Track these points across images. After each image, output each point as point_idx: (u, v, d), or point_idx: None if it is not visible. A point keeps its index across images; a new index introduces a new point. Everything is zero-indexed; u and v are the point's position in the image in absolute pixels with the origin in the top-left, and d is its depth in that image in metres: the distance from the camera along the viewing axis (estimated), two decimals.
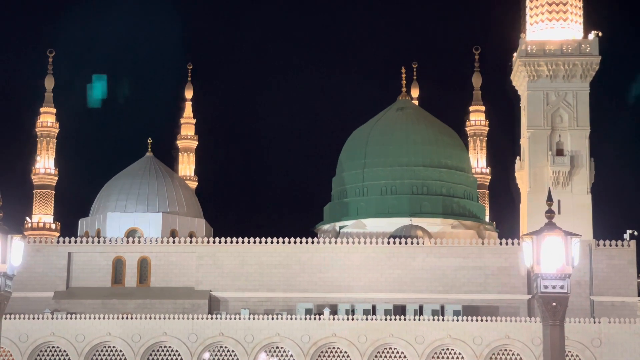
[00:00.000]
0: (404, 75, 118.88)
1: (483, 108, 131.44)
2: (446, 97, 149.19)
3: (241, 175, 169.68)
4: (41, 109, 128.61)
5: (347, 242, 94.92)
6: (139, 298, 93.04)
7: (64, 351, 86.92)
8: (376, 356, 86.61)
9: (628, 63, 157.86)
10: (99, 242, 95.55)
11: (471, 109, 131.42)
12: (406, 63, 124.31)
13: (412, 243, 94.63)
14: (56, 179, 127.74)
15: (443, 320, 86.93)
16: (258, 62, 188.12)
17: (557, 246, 30.31)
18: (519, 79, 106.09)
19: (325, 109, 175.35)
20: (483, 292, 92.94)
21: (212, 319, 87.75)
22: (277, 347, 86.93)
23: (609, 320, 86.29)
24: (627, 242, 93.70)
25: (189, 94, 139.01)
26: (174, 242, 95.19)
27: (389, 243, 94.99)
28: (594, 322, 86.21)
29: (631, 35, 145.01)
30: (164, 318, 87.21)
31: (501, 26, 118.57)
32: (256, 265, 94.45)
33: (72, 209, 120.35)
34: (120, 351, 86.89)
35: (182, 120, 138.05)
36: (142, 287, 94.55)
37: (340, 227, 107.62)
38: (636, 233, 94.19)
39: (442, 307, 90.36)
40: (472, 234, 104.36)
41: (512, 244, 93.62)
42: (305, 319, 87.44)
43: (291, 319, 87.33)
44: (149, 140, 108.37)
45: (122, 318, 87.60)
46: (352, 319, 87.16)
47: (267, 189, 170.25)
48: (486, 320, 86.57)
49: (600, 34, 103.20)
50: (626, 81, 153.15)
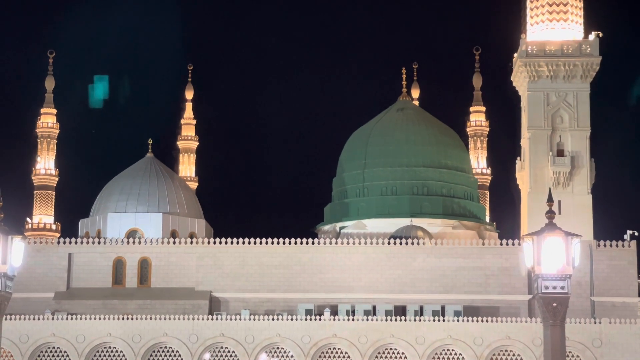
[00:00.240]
0: (404, 75, 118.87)
1: (483, 108, 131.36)
2: (447, 98, 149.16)
3: (241, 176, 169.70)
4: (42, 110, 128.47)
5: (348, 243, 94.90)
6: (140, 299, 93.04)
7: (65, 352, 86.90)
8: (377, 357, 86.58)
9: (628, 63, 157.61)
10: (99, 242, 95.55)
11: (471, 109, 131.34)
12: (406, 63, 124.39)
13: (412, 243, 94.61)
14: (57, 179, 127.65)
15: (443, 320, 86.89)
16: (258, 63, 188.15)
17: (558, 247, 30.32)
18: (519, 79, 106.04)
19: (326, 109, 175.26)
20: (483, 293, 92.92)
21: (212, 319, 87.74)
22: (278, 348, 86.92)
23: (609, 321, 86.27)
24: (628, 242, 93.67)
25: (189, 94, 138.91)
26: (174, 242, 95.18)
27: (389, 243, 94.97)
28: (595, 323, 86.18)
29: (631, 36, 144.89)
30: (165, 319, 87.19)
31: (501, 27, 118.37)
32: (257, 265, 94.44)
33: (73, 210, 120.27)
34: (121, 352, 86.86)
35: (182, 121, 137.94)
36: (143, 288, 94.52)
37: (341, 228, 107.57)
38: (637, 233, 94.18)
39: (443, 308, 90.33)
40: (472, 235, 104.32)
41: (513, 244, 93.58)
42: (306, 319, 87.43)
43: (292, 319, 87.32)
44: (150, 141, 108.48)
45: (123, 319, 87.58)
46: (353, 320, 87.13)
47: (267, 189, 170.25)
48: (487, 321, 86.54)
49: (600, 34, 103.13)
50: (627, 82, 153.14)
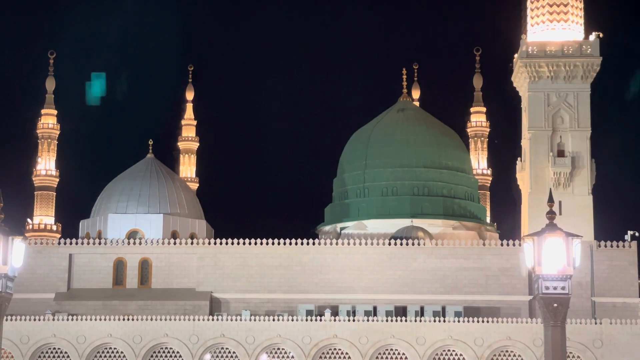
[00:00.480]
0: (404, 76, 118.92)
1: (484, 109, 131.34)
2: (447, 98, 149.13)
3: (242, 177, 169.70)
4: (42, 111, 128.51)
5: (348, 243, 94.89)
6: (140, 299, 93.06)
7: (65, 352, 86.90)
8: (377, 357, 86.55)
9: (629, 64, 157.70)
10: (100, 243, 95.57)
11: (472, 110, 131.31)
12: (407, 64, 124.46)
13: (413, 244, 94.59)
14: (57, 180, 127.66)
15: (444, 321, 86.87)
16: (258, 63, 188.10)
17: (558, 247, 30.31)
18: (519, 80, 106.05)
19: (326, 109, 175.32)
20: (484, 293, 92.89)
21: (213, 320, 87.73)
22: (278, 349, 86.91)
23: (610, 321, 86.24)
24: (628, 243, 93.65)
25: (189, 95, 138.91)
26: (175, 243, 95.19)
27: (390, 244, 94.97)
28: (595, 323, 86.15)
29: (632, 36, 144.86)
30: (165, 319, 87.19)
31: (502, 27, 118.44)
32: (257, 266, 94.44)
33: (73, 211, 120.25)
34: (122, 352, 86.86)
35: (183, 122, 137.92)
36: (143, 289, 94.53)
37: (341, 228, 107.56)
38: (637, 234, 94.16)
39: (443, 308, 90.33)
40: (473, 235, 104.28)
41: (513, 245, 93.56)
42: (306, 320, 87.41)
43: (292, 320, 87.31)
44: (150, 142, 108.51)
45: (123, 319, 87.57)
46: (353, 320, 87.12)
47: (268, 190, 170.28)
48: (487, 322, 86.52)
49: (601, 35, 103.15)
50: (627, 82, 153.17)
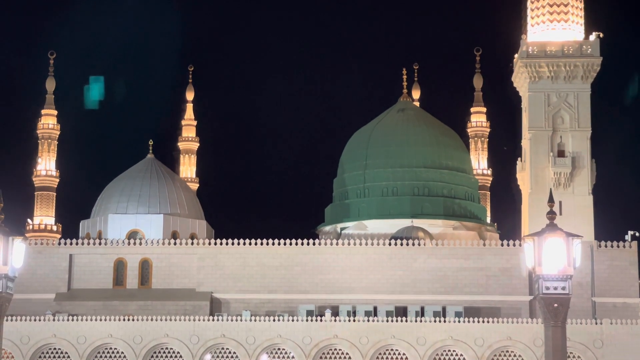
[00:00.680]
0: (405, 76, 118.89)
1: (484, 109, 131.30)
2: (447, 99, 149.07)
3: (242, 177, 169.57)
4: (42, 111, 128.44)
5: (349, 244, 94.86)
6: (141, 300, 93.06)
7: (66, 353, 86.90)
8: (377, 357, 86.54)
9: (629, 64, 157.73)
10: (100, 243, 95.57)
11: (472, 110, 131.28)
12: (407, 64, 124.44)
13: (413, 244, 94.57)
14: (57, 180, 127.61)
15: (444, 321, 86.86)
16: (258, 64, 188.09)
17: (559, 247, 30.31)
18: (520, 80, 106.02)
19: (326, 110, 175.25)
20: (484, 294, 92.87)
21: (213, 320, 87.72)
22: (279, 349, 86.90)
23: (610, 322, 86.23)
24: (629, 243, 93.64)
25: (190, 95, 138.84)
26: (175, 243, 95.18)
27: (390, 244, 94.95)
28: (596, 323, 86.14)
29: (632, 37, 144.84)
30: (166, 320, 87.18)
31: (502, 27, 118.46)
32: (257, 266, 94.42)
33: (74, 211, 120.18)
34: (122, 353, 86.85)
35: (183, 122, 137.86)
36: (144, 289, 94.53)
37: (342, 229, 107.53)
38: (637, 234, 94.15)
39: (444, 309, 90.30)
40: (473, 235, 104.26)
41: (514, 245, 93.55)
42: (307, 320, 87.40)
43: (292, 320, 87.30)
44: (150, 142, 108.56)
45: (124, 320, 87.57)
46: (354, 321, 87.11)
47: (268, 190, 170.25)
48: (488, 322, 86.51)
49: (601, 35, 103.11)
50: (627, 82, 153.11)
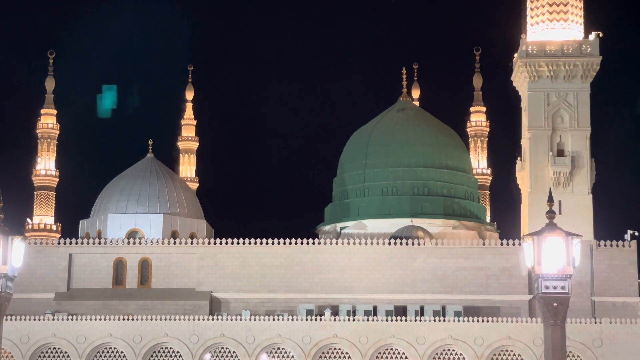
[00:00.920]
0: (404, 76, 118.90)
1: (484, 109, 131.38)
2: (447, 98, 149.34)
3: (242, 176, 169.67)
4: (42, 110, 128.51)
5: (348, 243, 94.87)
6: (140, 299, 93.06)
7: (65, 352, 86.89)
8: (377, 357, 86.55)
9: (629, 63, 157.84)
10: (99, 243, 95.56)
11: (472, 109, 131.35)
12: (407, 64, 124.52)
13: (413, 244, 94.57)
14: (57, 180, 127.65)
15: (444, 321, 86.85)
16: (258, 63, 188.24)
17: (558, 247, 30.33)
18: (519, 79, 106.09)
19: (326, 109, 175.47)
20: (484, 293, 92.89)
21: (213, 320, 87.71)
22: (278, 348, 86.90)
23: (610, 321, 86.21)
24: (628, 242, 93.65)
25: (189, 95, 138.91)
26: (174, 243, 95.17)
27: (389, 244, 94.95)
28: (595, 323, 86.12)
29: (632, 36, 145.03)
30: (165, 319, 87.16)
31: (502, 27, 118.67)
32: (257, 266, 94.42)
33: (73, 210, 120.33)
34: (122, 352, 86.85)
35: (182, 122, 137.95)
36: (143, 288, 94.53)
37: (341, 228, 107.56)
38: (637, 233, 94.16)
39: (443, 308, 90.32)
40: (473, 235, 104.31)
41: (513, 244, 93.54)
42: (307, 319, 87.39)
43: (292, 320, 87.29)
44: (150, 142, 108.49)
45: (123, 319, 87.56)
46: (353, 320, 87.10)
47: (267, 189, 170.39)
48: (487, 321, 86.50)
49: (600, 34, 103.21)
50: (627, 81, 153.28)
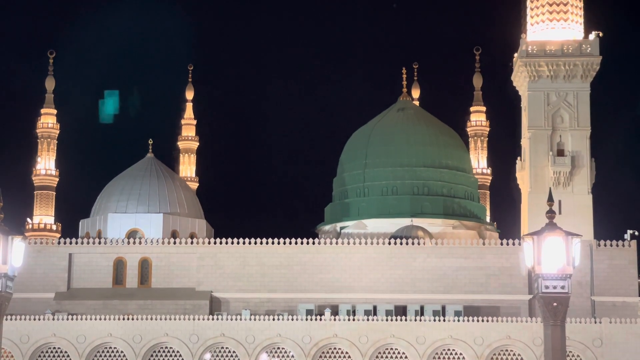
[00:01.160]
0: (404, 75, 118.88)
1: (484, 108, 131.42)
2: (447, 98, 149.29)
3: (242, 176, 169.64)
4: (42, 110, 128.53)
5: (348, 243, 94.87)
6: (140, 299, 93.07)
7: (65, 352, 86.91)
8: (377, 357, 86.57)
9: (629, 63, 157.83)
10: (99, 243, 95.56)
11: (472, 109, 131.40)
12: (407, 64, 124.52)
13: (413, 243, 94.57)
14: (57, 180, 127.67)
15: (444, 320, 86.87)
16: (259, 63, 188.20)
17: (558, 246, 30.35)
18: (519, 79, 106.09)
19: (326, 109, 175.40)
20: (484, 293, 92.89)
21: (213, 319, 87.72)
22: (278, 348, 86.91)
23: (610, 321, 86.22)
24: (628, 242, 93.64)
25: (189, 94, 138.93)
26: (175, 242, 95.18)
27: (389, 243, 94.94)
28: (595, 323, 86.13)
29: (632, 36, 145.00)
30: (165, 319, 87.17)
31: (502, 27, 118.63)
32: (257, 266, 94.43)
33: (73, 210, 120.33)
34: (122, 352, 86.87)
35: (182, 121, 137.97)
36: (143, 288, 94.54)
37: (341, 228, 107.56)
38: (637, 233, 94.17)
39: (443, 308, 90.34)
40: (473, 235, 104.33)
41: (513, 244, 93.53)
42: (307, 319, 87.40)
43: (292, 319, 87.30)
44: (150, 141, 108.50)
45: (123, 319, 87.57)
46: (353, 320, 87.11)
47: (268, 189, 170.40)
48: (487, 321, 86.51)
49: (600, 34, 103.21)
50: (627, 81, 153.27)
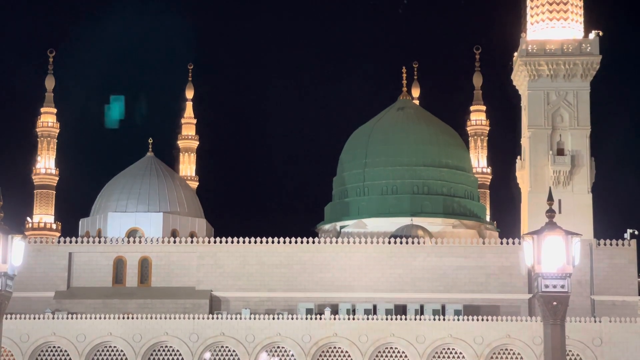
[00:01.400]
0: (404, 74, 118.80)
1: (484, 108, 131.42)
2: (447, 97, 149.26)
3: (242, 175, 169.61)
4: (42, 109, 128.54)
5: (348, 242, 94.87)
6: (140, 298, 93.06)
7: (65, 351, 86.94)
8: (377, 356, 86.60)
9: (628, 62, 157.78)
10: (99, 242, 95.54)
11: (472, 108, 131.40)
12: (407, 63, 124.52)
13: (413, 243, 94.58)
14: (57, 179, 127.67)
15: (444, 319, 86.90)
16: (259, 62, 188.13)
17: (558, 245, 30.38)
18: (519, 78, 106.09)
19: (326, 108, 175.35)
20: (484, 292, 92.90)
21: (213, 318, 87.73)
22: (278, 347, 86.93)
23: (609, 320, 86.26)
24: (628, 241, 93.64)
25: (189, 94, 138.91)
26: (174, 242, 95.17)
27: (389, 243, 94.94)
28: (595, 322, 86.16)
29: (632, 35, 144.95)
30: (165, 318, 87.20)
31: (502, 26, 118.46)
32: (257, 265, 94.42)
33: (73, 209, 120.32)
34: (121, 351, 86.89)
35: (182, 120, 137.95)
36: (143, 287, 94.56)
37: (341, 227, 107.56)
38: (637, 232, 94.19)
39: (443, 307, 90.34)
40: (473, 234, 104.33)
41: (513, 243, 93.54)
42: (306, 318, 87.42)
43: (292, 318, 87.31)
44: (150, 140, 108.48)
45: (123, 318, 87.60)
46: (353, 319, 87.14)
47: (268, 188, 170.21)
48: (487, 320, 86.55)
49: (600, 33, 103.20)
50: (627, 81, 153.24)
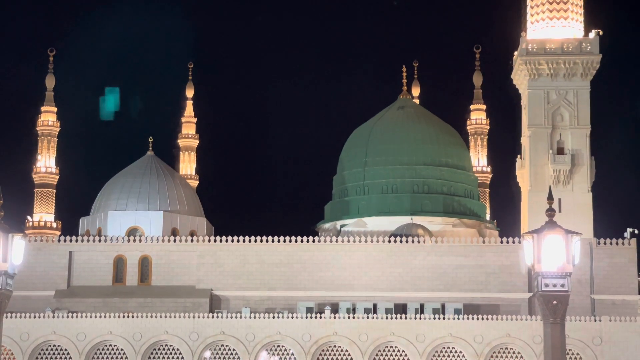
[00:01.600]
0: (404, 73, 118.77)
1: (484, 107, 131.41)
2: (447, 96, 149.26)
3: (242, 174, 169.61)
4: (42, 108, 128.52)
5: (348, 241, 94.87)
6: (140, 297, 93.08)
7: (65, 350, 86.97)
8: (377, 355, 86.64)
9: (629, 62, 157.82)
10: (100, 240, 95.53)
11: (472, 107, 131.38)
12: (407, 62, 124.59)
13: (413, 242, 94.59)
14: (57, 177, 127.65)
15: (444, 318, 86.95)
16: (259, 61, 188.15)
17: (558, 245, 30.38)
18: (519, 77, 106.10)
19: (326, 107, 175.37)
20: (484, 291, 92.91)
21: (213, 317, 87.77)
22: (278, 346, 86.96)
23: (609, 319, 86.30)
24: (628, 240, 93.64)
25: (189, 92, 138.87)
26: (175, 240, 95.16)
27: (389, 242, 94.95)
28: (595, 321, 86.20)
29: (632, 34, 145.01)
30: (165, 317, 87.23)
31: (502, 25, 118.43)
32: (257, 264, 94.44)
33: (73, 208, 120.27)
34: (122, 350, 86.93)
35: (183, 119, 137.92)
36: (143, 286, 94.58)
37: (341, 226, 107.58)
38: (637, 231, 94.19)
39: (443, 306, 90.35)
40: (473, 233, 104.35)
41: (513, 242, 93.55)
42: (307, 317, 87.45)
43: (292, 317, 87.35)
44: (150, 139, 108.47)
45: (123, 317, 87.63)
46: (353, 318, 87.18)
47: (268, 187, 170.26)
48: (487, 319, 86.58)
49: (600, 32, 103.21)
50: (627, 80, 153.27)
